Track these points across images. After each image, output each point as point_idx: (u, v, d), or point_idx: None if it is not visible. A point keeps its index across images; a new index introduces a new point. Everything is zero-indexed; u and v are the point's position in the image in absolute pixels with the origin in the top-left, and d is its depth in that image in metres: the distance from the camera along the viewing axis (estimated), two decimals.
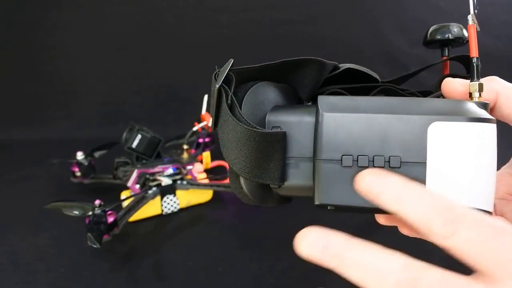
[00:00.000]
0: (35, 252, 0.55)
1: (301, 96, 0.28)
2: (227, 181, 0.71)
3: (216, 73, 0.24)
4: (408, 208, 0.18)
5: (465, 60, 0.30)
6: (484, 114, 0.21)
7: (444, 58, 0.33)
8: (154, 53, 1.25)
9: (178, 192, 0.64)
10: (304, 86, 0.27)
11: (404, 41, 1.21)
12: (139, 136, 0.64)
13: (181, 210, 0.65)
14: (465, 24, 0.25)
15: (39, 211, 0.61)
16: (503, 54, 1.17)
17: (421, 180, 0.20)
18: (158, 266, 0.51)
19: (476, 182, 0.20)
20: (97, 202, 0.52)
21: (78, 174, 0.69)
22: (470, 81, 0.23)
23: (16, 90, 1.27)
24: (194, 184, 0.65)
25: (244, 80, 0.25)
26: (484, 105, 0.21)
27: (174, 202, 0.64)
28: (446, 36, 0.32)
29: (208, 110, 0.76)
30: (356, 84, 0.28)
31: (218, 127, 0.23)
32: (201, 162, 0.76)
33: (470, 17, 0.23)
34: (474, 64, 0.23)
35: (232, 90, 0.23)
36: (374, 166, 0.21)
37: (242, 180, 0.24)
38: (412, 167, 0.20)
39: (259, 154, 0.22)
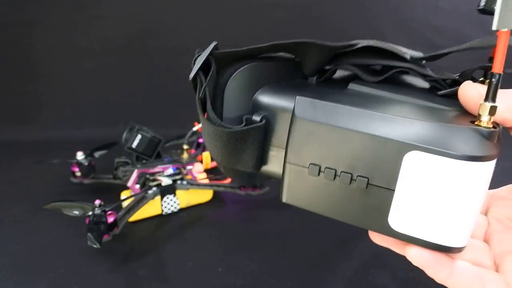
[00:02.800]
0: (35, 252, 0.55)
1: (304, 71, 0.27)
2: (227, 181, 0.71)
3: (196, 57, 0.23)
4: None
5: None
6: (480, 149, 0.17)
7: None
8: (154, 53, 1.25)
9: (178, 192, 0.64)
10: (307, 63, 0.26)
11: (404, 41, 1.20)
12: (139, 136, 0.64)
13: (181, 210, 0.65)
14: (466, 25, 0.22)
15: (39, 211, 0.61)
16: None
17: (385, 207, 0.19)
18: (158, 266, 0.51)
19: (446, 219, 0.18)
20: (97, 202, 0.52)
21: (78, 174, 0.69)
22: (484, 100, 0.18)
23: (16, 90, 1.27)
24: (194, 184, 0.65)
25: (229, 61, 0.24)
26: (489, 134, 0.18)
27: (174, 202, 0.64)
28: None
29: None
30: (371, 61, 0.26)
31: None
32: (201, 162, 0.76)
33: (496, 21, 0.17)
34: (493, 81, 0.18)
35: (207, 81, 0.22)
36: (340, 182, 0.20)
37: (220, 166, 0.26)
38: (378, 191, 0.19)
39: (230, 148, 0.22)
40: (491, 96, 0.18)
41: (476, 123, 0.18)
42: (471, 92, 0.20)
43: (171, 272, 0.50)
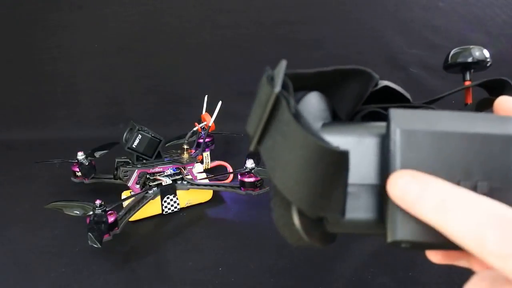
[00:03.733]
0: (36, 252, 0.55)
1: (338, 112, 0.24)
2: (227, 181, 0.71)
3: (270, 75, 0.19)
4: (454, 218, 0.14)
5: (494, 85, 0.27)
6: None
7: (468, 83, 0.31)
8: (154, 53, 1.25)
9: (178, 192, 0.64)
10: (346, 100, 0.24)
11: (403, 41, 1.21)
12: (139, 136, 0.64)
13: (181, 210, 0.65)
14: (465, 25, 0.23)
15: (40, 211, 0.61)
16: (503, 54, 1.17)
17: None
18: (158, 266, 0.51)
19: None
20: (98, 202, 0.52)
21: (79, 174, 0.70)
22: None
23: (16, 90, 1.27)
24: (194, 184, 0.65)
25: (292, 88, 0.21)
26: None
27: (174, 202, 0.64)
28: (468, 59, 0.30)
29: (213, 115, 0.74)
30: (394, 104, 0.25)
31: (266, 145, 0.18)
32: (201, 162, 0.76)
33: None
34: None
35: (293, 97, 0.18)
36: None
37: (294, 213, 0.19)
38: (499, 193, 0.18)
39: (329, 179, 0.18)
40: None
41: None
42: (510, 103, 0.21)
43: (171, 272, 0.50)
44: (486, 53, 0.31)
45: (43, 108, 1.25)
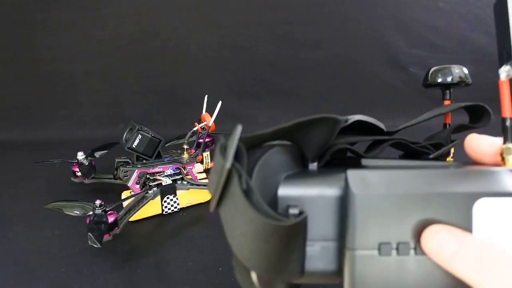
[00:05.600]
0: (36, 252, 0.55)
1: (306, 155, 0.24)
2: None
3: (223, 145, 0.18)
4: (493, 276, 0.14)
5: (474, 109, 0.28)
6: None
7: (447, 102, 0.31)
8: (155, 53, 1.25)
9: (178, 192, 0.64)
10: (312, 144, 0.24)
11: (404, 41, 1.21)
12: (139, 136, 0.64)
13: (181, 210, 0.65)
14: (465, 25, 0.23)
15: (40, 211, 0.61)
16: None
17: None
18: (158, 266, 0.51)
19: None
20: (98, 202, 0.52)
21: (79, 174, 0.70)
22: (504, 143, 0.20)
23: (16, 90, 1.27)
24: (194, 184, 0.65)
25: (249, 146, 0.20)
26: None
27: (174, 202, 0.64)
28: (448, 79, 0.31)
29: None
30: (365, 137, 0.26)
31: (223, 211, 0.19)
32: (201, 162, 0.76)
33: (503, 70, 0.20)
34: (508, 125, 0.20)
35: (245, 170, 0.18)
36: (416, 254, 0.18)
37: (253, 275, 0.20)
38: None
39: (283, 248, 0.18)
40: (510, 137, 0.20)
41: (505, 165, 0.20)
42: (481, 144, 0.21)
43: (171, 272, 0.50)
44: (466, 72, 0.31)
45: (43, 108, 1.25)
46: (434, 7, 1.20)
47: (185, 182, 0.65)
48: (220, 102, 0.68)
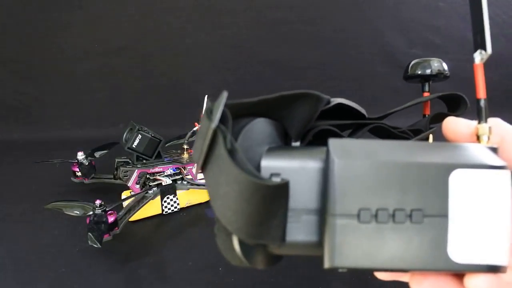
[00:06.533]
0: (36, 252, 0.55)
1: (289, 133, 0.25)
2: None
3: (209, 108, 0.19)
4: None
5: (451, 99, 0.29)
6: (499, 160, 0.19)
7: (427, 94, 0.32)
8: (155, 53, 1.25)
9: (178, 192, 0.64)
10: (296, 122, 0.24)
11: (403, 41, 1.21)
12: (139, 136, 0.64)
13: (181, 210, 0.65)
14: (465, 25, 0.24)
15: (40, 211, 0.61)
16: (503, 55, 1.17)
17: (443, 238, 0.19)
18: (158, 266, 0.51)
19: (495, 235, 0.18)
20: (98, 202, 0.52)
21: (79, 174, 0.70)
22: (478, 123, 0.21)
23: (16, 90, 1.27)
24: (194, 184, 0.65)
25: (235, 115, 0.21)
26: (494, 150, 0.20)
27: (174, 202, 0.64)
28: (427, 71, 0.32)
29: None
30: (347, 121, 0.26)
31: (208, 175, 0.19)
32: None
33: (477, 54, 0.21)
34: (482, 106, 0.21)
35: (230, 132, 0.19)
36: (394, 222, 0.18)
37: (235, 240, 0.20)
38: (433, 222, 0.18)
39: (265, 210, 0.18)
40: (484, 118, 0.21)
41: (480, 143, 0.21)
42: (458, 126, 0.22)
43: (171, 272, 0.50)
44: (445, 66, 0.32)
45: (43, 108, 1.25)
46: (434, 7, 1.20)
47: (185, 182, 0.65)
48: None
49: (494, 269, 0.18)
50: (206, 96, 0.78)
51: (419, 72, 0.32)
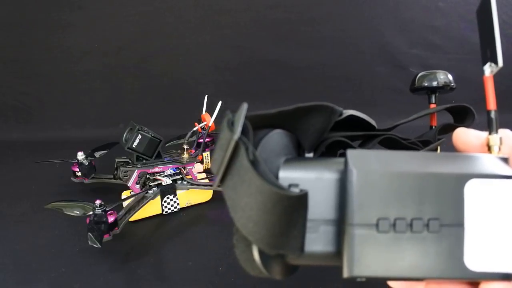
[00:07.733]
0: (36, 252, 0.55)
1: (303, 144, 0.25)
2: None
3: (230, 119, 0.19)
4: None
5: (458, 110, 0.29)
6: (511, 170, 0.19)
7: (433, 106, 0.33)
8: (155, 53, 1.25)
9: (178, 192, 0.64)
10: (310, 133, 0.25)
11: (404, 41, 1.21)
12: (139, 136, 0.64)
13: (181, 210, 0.65)
14: (465, 25, 0.24)
15: (40, 211, 0.61)
16: (503, 55, 1.17)
17: (460, 247, 0.19)
18: (158, 266, 0.51)
19: (509, 243, 0.19)
20: (98, 202, 0.52)
21: (79, 174, 0.70)
22: (489, 134, 0.21)
23: (16, 90, 1.27)
24: (194, 184, 0.65)
25: (253, 127, 0.21)
26: (505, 160, 0.20)
27: (174, 202, 0.64)
28: (434, 83, 0.33)
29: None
30: (358, 132, 0.27)
31: (228, 185, 0.19)
32: (201, 162, 0.76)
33: (487, 67, 0.21)
34: (493, 117, 0.22)
35: (252, 143, 0.19)
36: (412, 231, 0.19)
37: (255, 251, 0.20)
38: (450, 231, 0.19)
39: (286, 220, 0.19)
40: (495, 128, 0.21)
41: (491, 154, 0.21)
42: (468, 137, 0.22)
43: (171, 272, 0.50)
44: (451, 77, 0.33)
45: (43, 108, 1.26)
46: (434, 7, 1.20)
47: (185, 182, 0.65)
48: (220, 102, 0.68)
49: (509, 277, 0.18)
50: (206, 96, 0.78)
51: (426, 84, 0.33)
